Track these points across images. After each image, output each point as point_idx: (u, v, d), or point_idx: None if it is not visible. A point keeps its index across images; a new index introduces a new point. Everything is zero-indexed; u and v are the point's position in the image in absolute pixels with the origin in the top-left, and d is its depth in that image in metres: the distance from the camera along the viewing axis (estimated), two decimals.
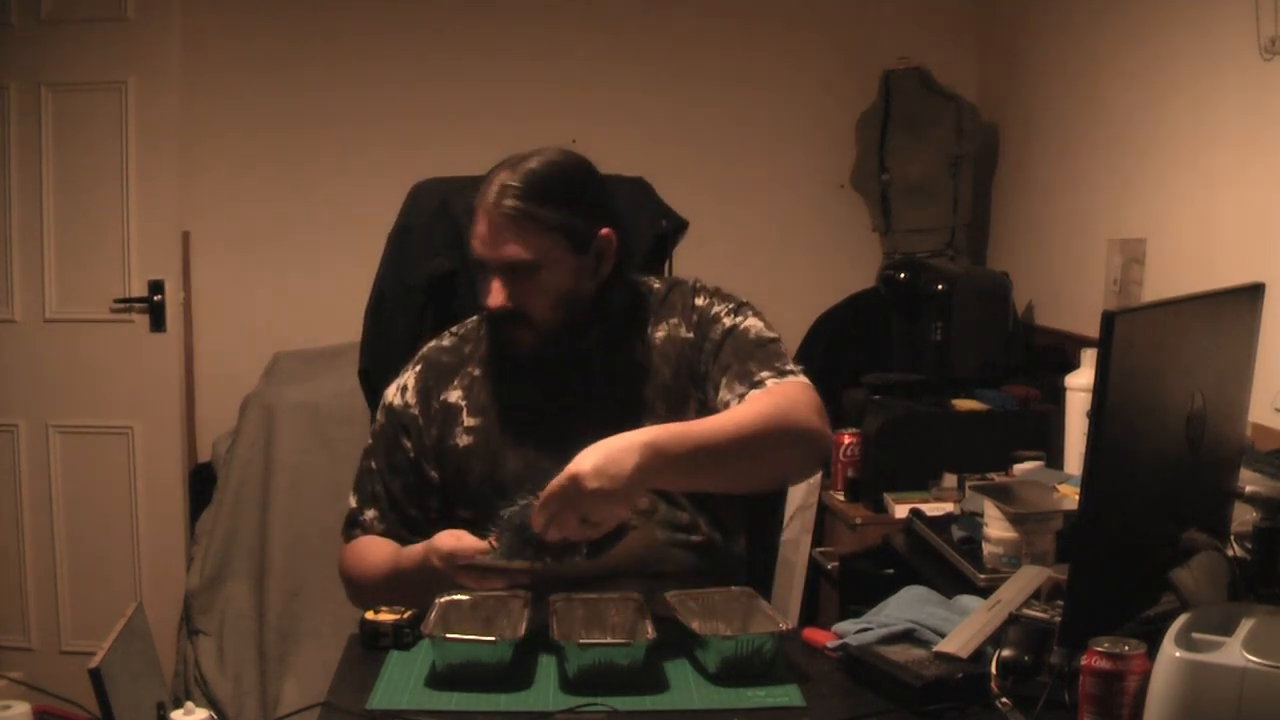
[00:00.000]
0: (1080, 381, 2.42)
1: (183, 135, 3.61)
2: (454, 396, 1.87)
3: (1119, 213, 3.00)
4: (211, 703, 3.24)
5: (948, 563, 2.03)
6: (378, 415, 1.93)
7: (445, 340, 1.94)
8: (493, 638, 1.51)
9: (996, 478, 2.50)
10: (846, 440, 2.85)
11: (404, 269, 2.20)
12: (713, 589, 1.67)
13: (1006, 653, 1.39)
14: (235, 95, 3.87)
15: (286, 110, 3.89)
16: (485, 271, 1.78)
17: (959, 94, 3.77)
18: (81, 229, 3.57)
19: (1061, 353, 3.18)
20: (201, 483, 3.69)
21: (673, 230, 2.27)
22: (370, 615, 1.63)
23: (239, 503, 3.46)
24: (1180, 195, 2.71)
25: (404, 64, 3.90)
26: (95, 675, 1.30)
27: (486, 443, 1.83)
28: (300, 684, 3.18)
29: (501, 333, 1.82)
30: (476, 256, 1.78)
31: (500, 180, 1.76)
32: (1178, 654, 1.19)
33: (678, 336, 1.86)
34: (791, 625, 1.62)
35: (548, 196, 1.75)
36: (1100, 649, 1.25)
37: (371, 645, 1.62)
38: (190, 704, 1.40)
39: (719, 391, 1.79)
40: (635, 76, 3.96)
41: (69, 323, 3.59)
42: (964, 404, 2.89)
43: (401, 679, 1.51)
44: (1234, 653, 1.17)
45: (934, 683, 1.40)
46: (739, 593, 1.66)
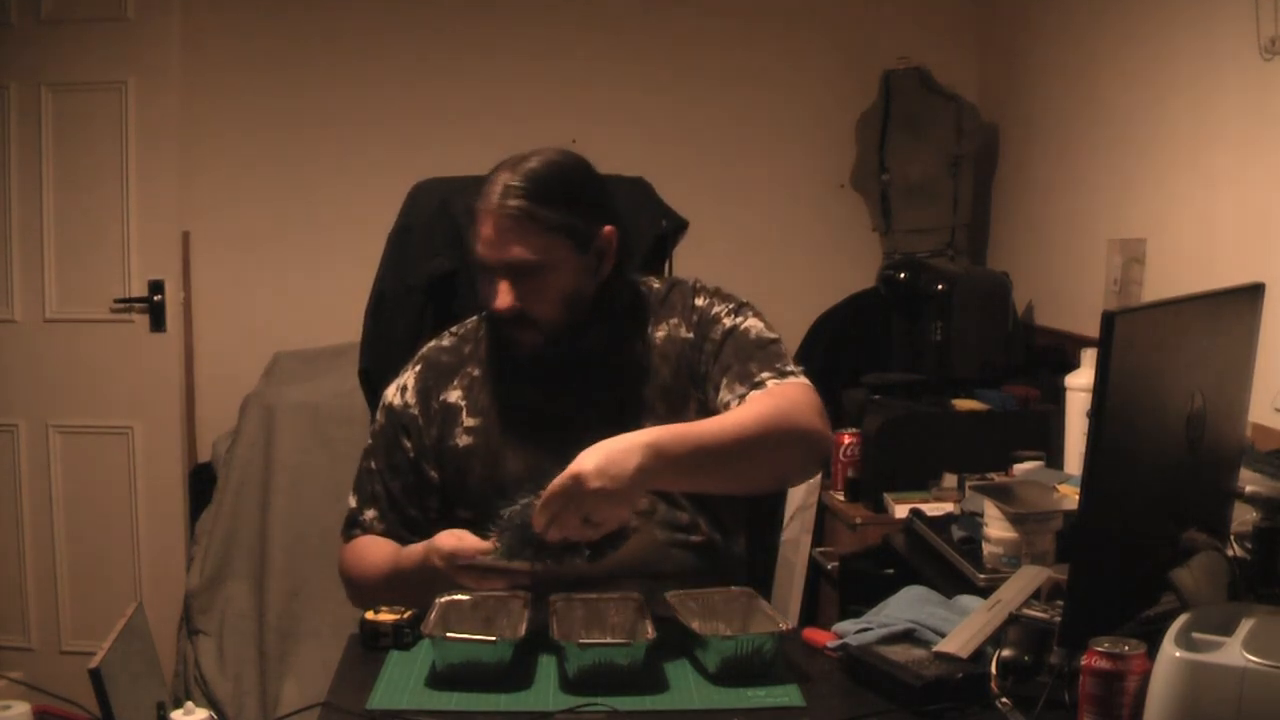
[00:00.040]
0: (1080, 381, 2.42)
1: (183, 135, 3.61)
2: (454, 397, 1.87)
3: (1119, 213, 3.00)
4: (211, 703, 3.24)
5: (948, 563, 2.03)
6: (377, 415, 1.93)
7: (445, 340, 1.94)
8: (493, 638, 1.51)
9: (996, 478, 2.50)
10: (846, 440, 2.85)
11: (404, 269, 2.20)
12: (713, 589, 1.66)
13: (1006, 653, 1.39)
14: (235, 95, 3.87)
15: (286, 110, 3.89)
16: (490, 274, 1.77)
17: (959, 94, 3.77)
18: (81, 229, 3.57)
19: (1061, 353, 3.18)
20: (201, 483, 3.69)
21: (673, 230, 2.27)
22: (370, 615, 1.63)
23: (239, 503, 3.46)
24: (1180, 195, 2.71)
25: (404, 64, 3.91)
26: (95, 675, 1.30)
27: (486, 443, 1.83)
28: (300, 684, 3.18)
29: (506, 334, 1.81)
30: (480, 260, 1.77)
31: (502, 181, 1.75)
32: (1178, 654, 1.19)
33: (678, 337, 1.85)
34: (791, 625, 1.62)
35: (551, 196, 1.75)
36: (1100, 649, 1.25)
37: (371, 645, 1.61)
38: (190, 704, 1.40)
39: (719, 392, 1.79)
40: (635, 76, 3.96)
41: (69, 323, 3.59)
42: (964, 404, 2.89)
43: (401, 679, 1.51)
44: (1234, 653, 1.17)
45: (934, 683, 1.40)
46: (739, 593, 1.66)
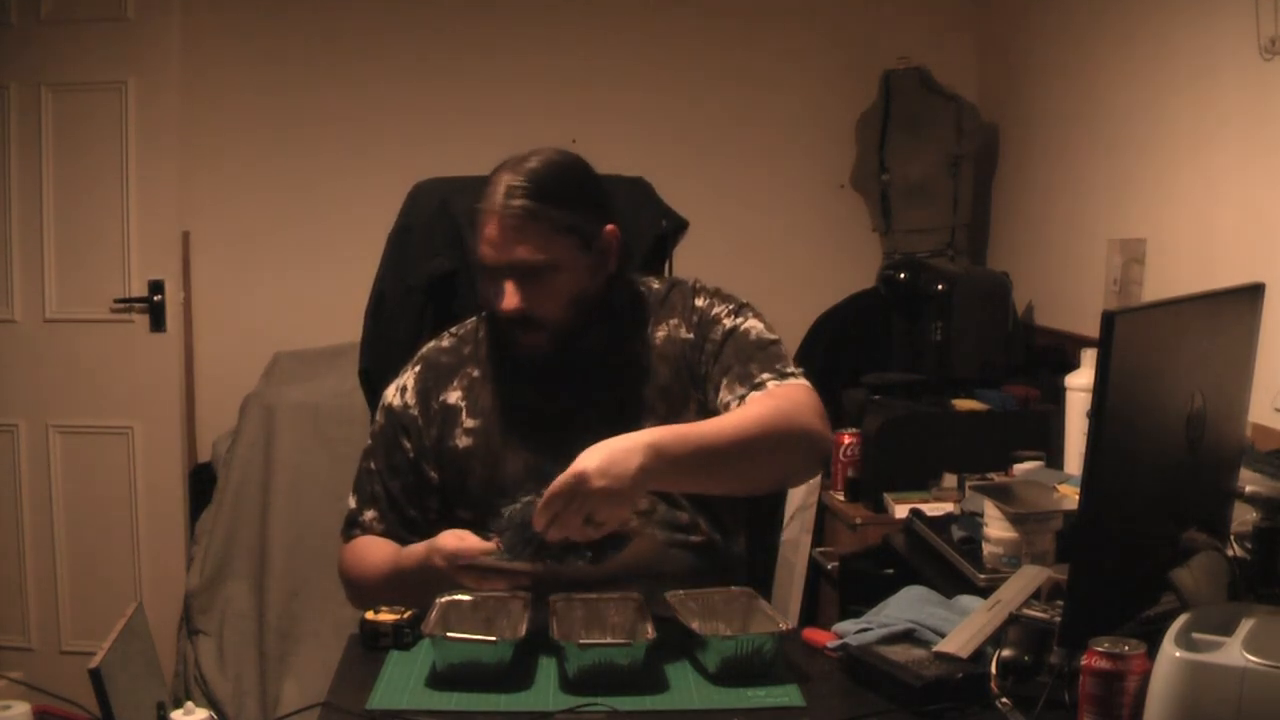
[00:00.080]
0: (1080, 381, 2.42)
1: (183, 135, 3.61)
2: (453, 397, 1.87)
3: (1119, 213, 3.00)
4: (211, 703, 3.24)
5: (948, 563, 2.03)
6: (377, 416, 1.93)
7: (444, 341, 1.93)
8: (493, 638, 1.51)
9: (996, 478, 2.50)
10: (846, 440, 2.85)
11: (404, 269, 2.20)
12: (713, 589, 1.66)
13: (1006, 653, 1.39)
14: (235, 95, 3.88)
15: (286, 110, 3.89)
16: (494, 275, 1.76)
17: (959, 94, 3.77)
18: (81, 229, 3.57)
19: (1061, 353, 3.18)
20: (201, 483, 3.69)
21: (673, 230, 2.27)
22: (370, 615, 1.63)
23: (239, 503, 3.46)
24: (1180, 195, 2.71)
25: (404, 64, 3.91)
26: (95, 675, 1.30)
27: (486, 444, 1.83)
28: (300, 684, 3.18)
29: (511, 336, 1.80)
30: (485, 261, 1.75)
31: (505, 181, 1.74)
32: (1178, 654, 1.19)
33: (678, 337, 1.85)
34: (791, 625, 1.62)
35: (555, 195, 1.74)
36: (1100, 649, 1.25)
37: (371, 645, 1.61)
38: (190, 704, 1.40)
39: (719, 393, 1.79)
40: (635, 76, 3.96)
41: (69, 323, 3.59)
42: (964, 404, 2.89)
43: (401, 679, 1.51)
44: (1234, 653, 1.17)
45: (934, 683, 1.40)
46: (739, 593, 1.66)
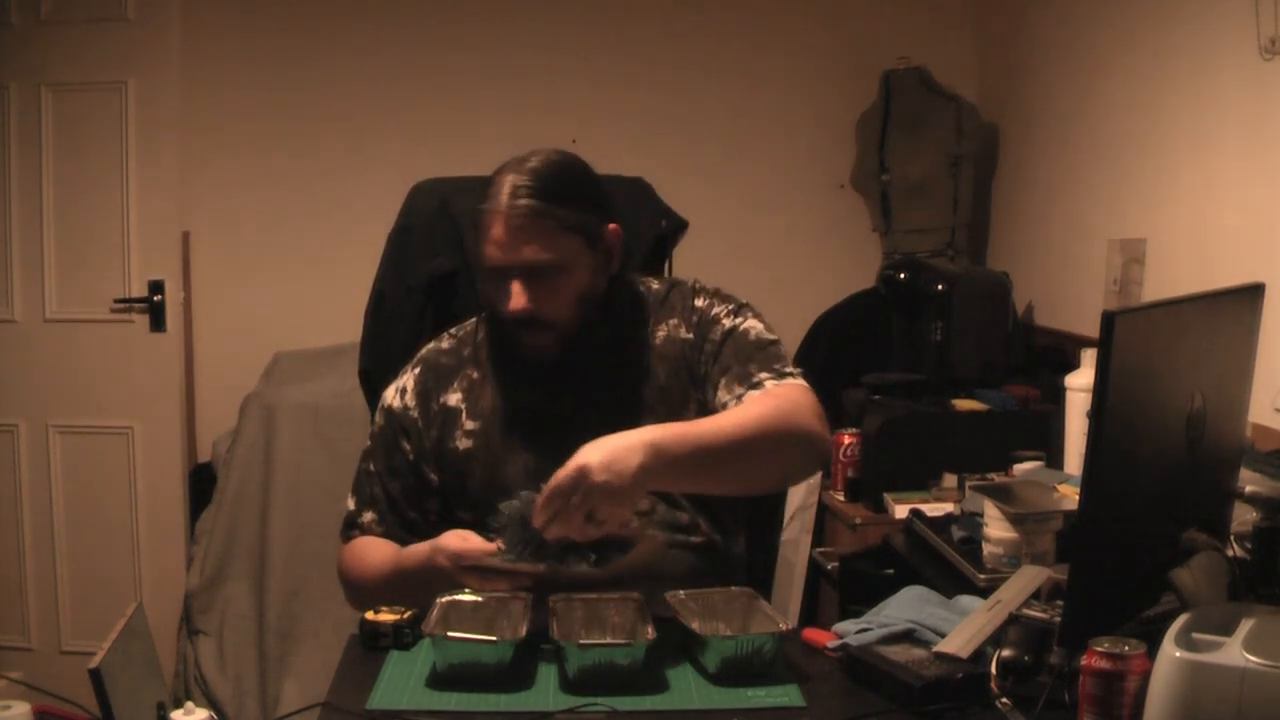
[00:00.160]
0: (1080, 381, 2.42)
1: (183, 135, 3.61)
2: (453, 399, 1.86)
3: (1119, 213, 3.00)
4: (211, 703, 3.24)
5: (948, 563, 2.03)
6: (376, 417, 1.92)
7: (444, 343, 1.93)
8: (493, 638, 1.51)
9: (996, 478, 2.50)
10: (846, 440, 2.85)
11: (404, 269, 2.20)
12: (713, 589, 1.66)
13: (1006, 653, 1.39)
14: (235, 95, 3.88)
15: (287, 110, 3.89)
16: (501, 276, 1.74)
17: (959, 94, 3.77)
18: (81, 229, 3.57)
19: (1061, 353, 3.18)
20: (201, 483, 3.69)
21: (673, 230, 2.26)
22: (370, 615, 1.63)
23: (239, 503, 3.46)
24: (1180, 195, 2.71)
25: (404, 64, 3.91)
26: (95, 675, 1.30)
27: (486, 446, 1.83)
28: (300, 684, 3.18)
29: (516, 336, 1.79)
30: (490, 262, 1.74)
31: (509, 181, 1.73)
32: (1178, 654, 1.19)
33: (677, 337, 1.85)
34: (791, 625, 1.62)
35: (560, 194, 1.74)
36: (1100, 649, 1.25)
37: (371, 645, 1.61)
38: (190, 704, 1.40)
39: (718, 392, 1.78)
40: (635, 76, 3.96)
41: (69, 323, 3.59)
42: (964, 404, 2.89)
43: (401, 679, 1.51)
44: (1234, 653, 1.17)
45: (934, 683, 1.40)
46: (739, 593, 1.65)
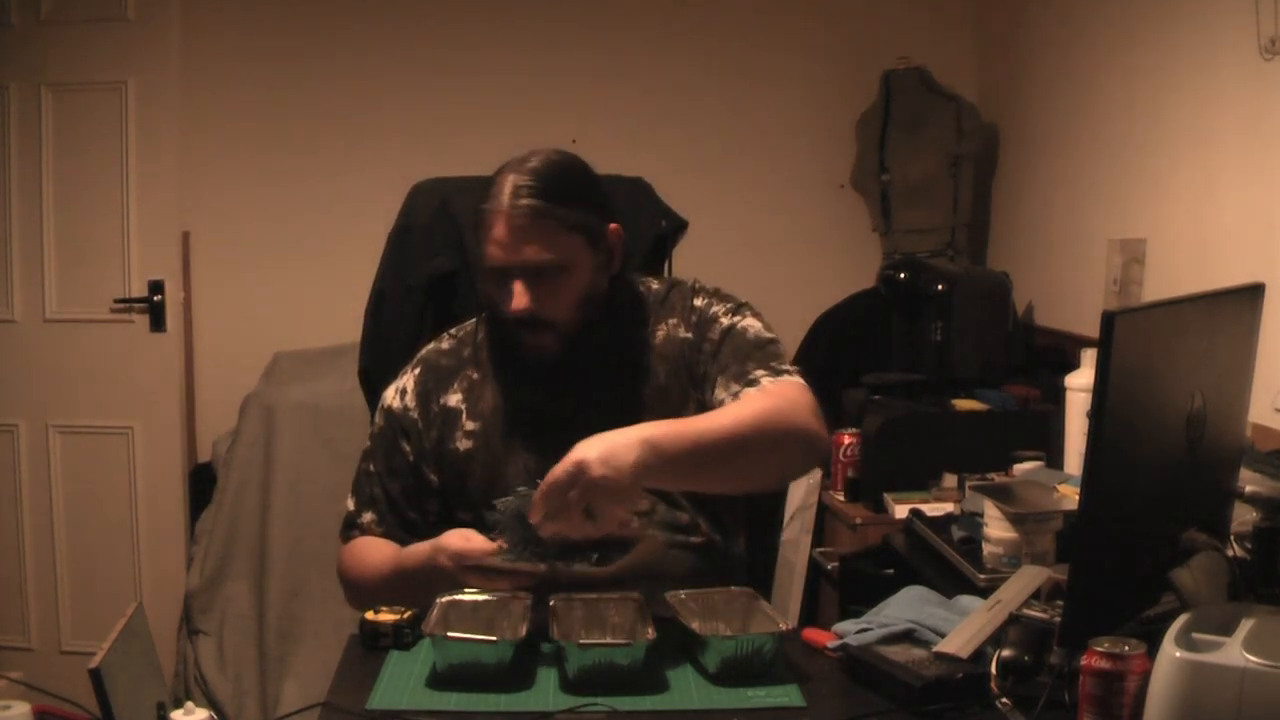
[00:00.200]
0: (1080, 381, 2.42)
1: (183, 135, 3.61)
2: (453, 400, 1.86)
3: (1119, 213, 3.00)
4: (211, 703, 3.24)
5: (948, 563, 2.03)
6: (376, 418, 1.92)
7: (444, 343, 1.93)
8: (493, 638, 1.51)
9: (996, 478, 2.50)
10: (846, 440, 2.85)
11: (404, 269, 2.20)
12: (713, 589, 1.66)
13: (1006, 653, 1.39)
14: (235, 95, 3.88)
15: (287, 110, 3.89)
16: (503, 277, 1.74)
17: (959, 94, 3.77)
18: (81, 229, 3.57)
19: (1061, 353, 3.18)
20: (201, 483, 3.69)
21: (672, 230, 2.26)
22: (370, 615, 1.63)
23: (239, 503, 3.46)
24: (1180, 195, 2.71)
25: (404, 64, 3.91)
26: (95, 675, 1.30)
27: (486, 447, 1.83)
28: (300, 684, 3.18)
29: (518, 337, 1.79)
30: (493, 262, 1.74)
31: (511, 181, 1.73)
32: (1178, 654, 1.19)
33: (676, 337, 1.85)
34: (791, 625, 1.62)
35: (561, 194, 1.73)
36: (1100, 649, 1.25)
37: (371, 645, 1.61)
38: (190, 704, 1.40)
39: (715, 391, 1.78)
40: (635, 76, 3.96)
41: (69, 323, 3.59)
42: (964, 404, 2.89)
43: (401, 679, 1.51)
44: (1234, 653, 1.17)
45: (934, 683, 1.40)
46: (739, 593, 1.65)
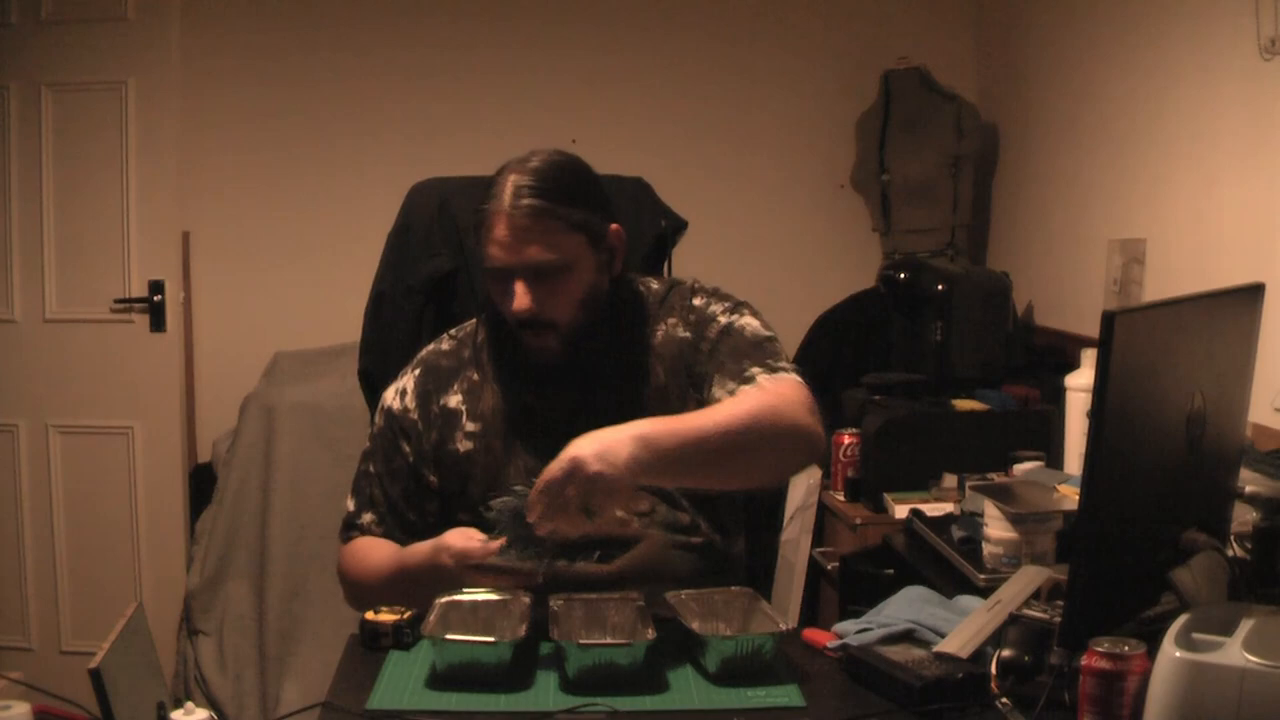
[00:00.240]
0: (1080, 381, 2.42)
1: (183, 135, 3.61)
2: (453, 401, 1.86)
3: (1119, 213, 3.00)
4: (211, 703, 3.24)
5: (948, 563, 2.03)
6: (376, 418, 1.92)
7: (444, 344, 1.92)
8: (493, 638, 1.51)
9: (996, 478, 2.50)
10: (846, 440, 2.85)
11: (403, 269, 2.20)
12: (713, 589, 1.66)
13: (1006, 653, 1.39)
14: (235, 95, 3.88)
15: (286, 110, 3.89)
16: (505, 277, 1.74)
17: (959, 94, 3.77)
18: (81, 229, 3.57)
19: (1061, 353, 3.18)
20: (201, 483, 3.69)
21: (672, 230, 2.26)
22: (370, 615, 1.63)
23: (239, 503, 3.46)
24: (1180, 195, 2.71)
25: (404, 65, 3.91)
26: (95, 675, 1.30)
27: (487, 447, 1.82)
28: (300, 684, 3.18)
29: (520, 339, 1.79)
30: (494, 263, 1.73)
31: (512, 181, 1.73)
32: (1178, 654, 1.19)
33: (675, 337, 1.85)
34: (791, 625, 1.62)
35: (563, 194, 1.73)
36: (1100, 649, 1.25)
37: (371, 645, 1.61)
38: (190, 704, 1.40)
39: (713, 389, 1.78)
40: (635, 76, 3.96)
41: (69, 323, 3.59)
42: (964, 404, 2.89)
43: (401, 679, 1.51)
44: (1234, 653, 1.17)
45: (934, 683, 1.40)
46: (739, 593, 1.65)
